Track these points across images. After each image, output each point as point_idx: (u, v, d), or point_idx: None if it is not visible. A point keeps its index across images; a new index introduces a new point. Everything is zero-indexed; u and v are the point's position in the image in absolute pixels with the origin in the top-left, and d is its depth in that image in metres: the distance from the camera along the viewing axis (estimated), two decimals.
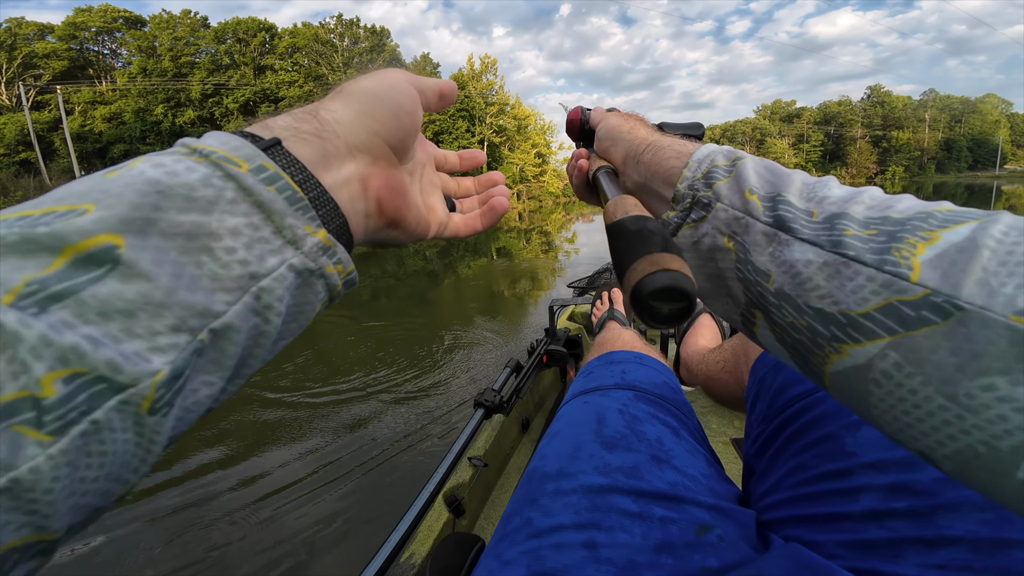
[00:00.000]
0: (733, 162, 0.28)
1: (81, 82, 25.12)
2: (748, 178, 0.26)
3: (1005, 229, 0.17)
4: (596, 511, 0.39)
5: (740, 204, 0.25)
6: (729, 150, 0.30)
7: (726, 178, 0.27)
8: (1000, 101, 57.14)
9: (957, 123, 54.73)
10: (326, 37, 27.72)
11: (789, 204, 0.23)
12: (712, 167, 0.28)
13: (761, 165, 0.27)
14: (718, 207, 0.26)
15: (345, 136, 0.23)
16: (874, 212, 0.21)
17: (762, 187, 0.25)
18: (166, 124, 25.21)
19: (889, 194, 0.23)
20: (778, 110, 59.60)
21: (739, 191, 0.26)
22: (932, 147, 53.45)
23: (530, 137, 34.56)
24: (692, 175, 0.28)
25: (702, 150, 0.30)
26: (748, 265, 0.24)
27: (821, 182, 0.25)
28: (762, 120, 58.63)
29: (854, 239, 0.20)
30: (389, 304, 5.69)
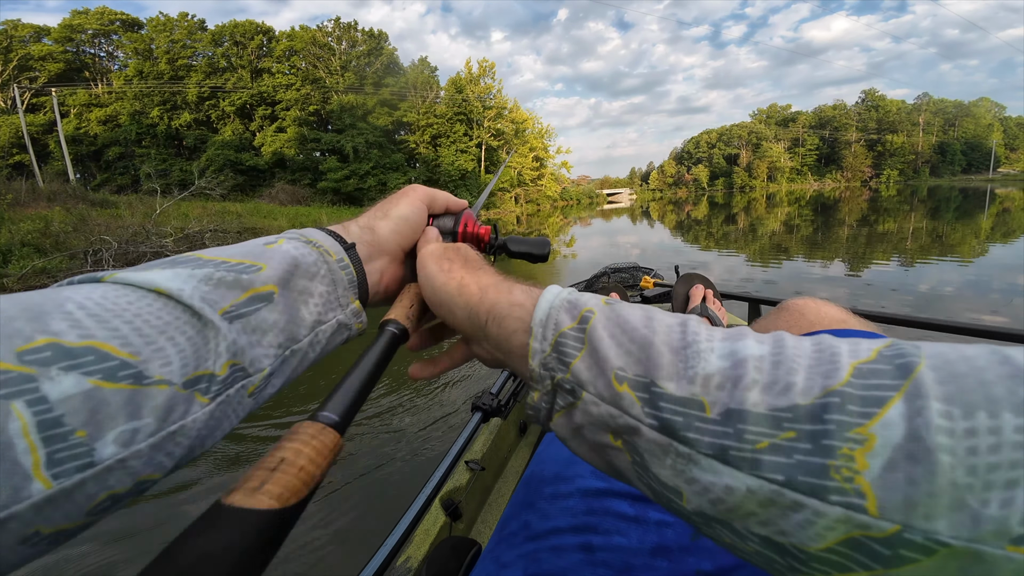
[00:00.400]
0: (581, 325, 0.24)
1: (77, 85, 24.96)
2: (607, 356, 0.22)
3: (944, 408, 0.15)
4: (593, 515, 0.40)
5: (610, 396, 0.22)
6: (570, 299, 0.26)
7: (580, 351, 0.23)
8: (993, 105, 57.91)
9: (951, 127, 55.33)
10: (324, 40, 27.70)
11: (670, 399, 0.20)
12: (560, 336, 0.24)
13: (614, 324, 0.23)
14: (586, 398, 0.23)
15: (381, 245, 0.35)
16: (776, 397, 0.18)
17: (628, 367, 0.21)
18: (162, 127, 25.09)
19: (756, 329, 0.21)
20: (774, 114, 60.07)
21: (603, 375, 0.22)
22: (926, 150, 53.96)
23: (528, 140, 34.64)
24: (541, 347, 0.25)
25: (540, 308, 0.26)
26: (650, 475, 0.21)
27: (691, 343, 0.21)
28: (758, 124, 59.06)
29: (773, 454, 0.17)
30: (383, 308, 5.68)
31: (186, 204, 13.01)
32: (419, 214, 0.38)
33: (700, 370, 0.20)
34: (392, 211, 0.37)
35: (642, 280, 1.62)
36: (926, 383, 0.16)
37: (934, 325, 0.74)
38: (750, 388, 0.18)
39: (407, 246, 0.37)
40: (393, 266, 0.37)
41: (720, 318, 0.97)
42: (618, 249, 9.88)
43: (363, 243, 0.34)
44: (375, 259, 0.35)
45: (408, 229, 0.37)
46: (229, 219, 10.71)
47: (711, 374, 0.19)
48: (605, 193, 63.64)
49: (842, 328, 0.44)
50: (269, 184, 23.93)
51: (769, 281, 5.36)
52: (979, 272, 5.20)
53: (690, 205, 29.23)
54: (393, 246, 0.36)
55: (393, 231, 0.36)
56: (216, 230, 9.50)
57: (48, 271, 6.83)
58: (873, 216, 13.47)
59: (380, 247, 0.35)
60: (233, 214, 12.80)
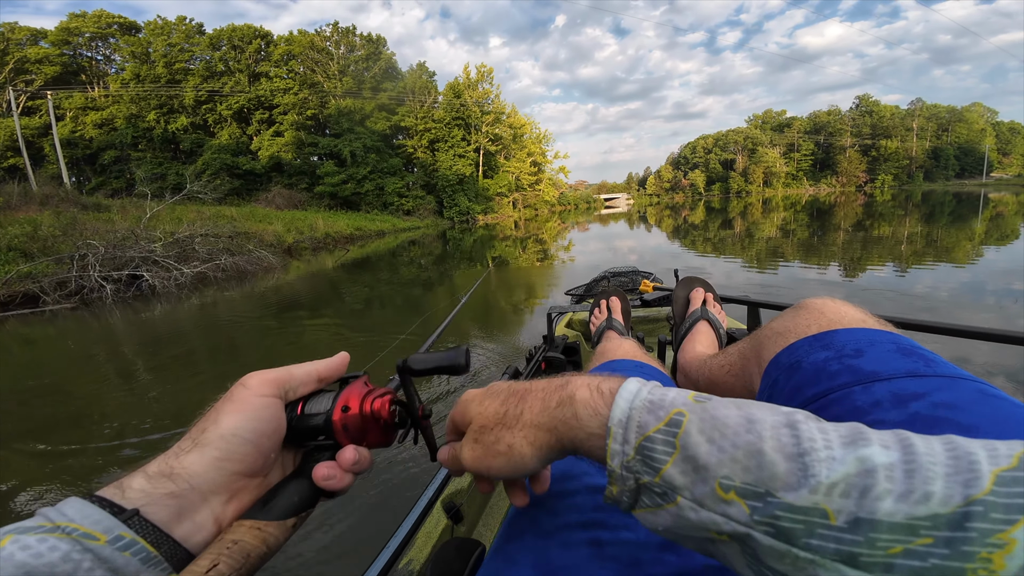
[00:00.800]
0: (670, 428, 0.23)
1: (73, 88, 24.89)
2: (708, 463, 0.22)
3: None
4: (601, 510, 0.40)
5: (713, 504, 0.21)
6: (652, 398, 0.25)
7: (671, 455, 0.23)
8: (986, 110, 58.45)
9: (944, 132, 55.84)
10: (322, 45, 27.76)
11: (788, 508, 0.19)
12: (645, 440, 0.24)
13: (711, 428, 0.23)
14: (683, 503, 0.22)
15: (200, 486, 0.27)
16: (913, 506, 0.17)
17: (735, 475, 0.21)
18: (158, 131, 25.01)
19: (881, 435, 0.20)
20: (769, 120, 60.58)
21: (704, 483, 0.21)
22: (920, 156, 54.44)
23: (526, 146, 34.75)
24: (622, 450, 0.24)
25: (619, 407, 0.25)
26: (765, 567, 0.20)
27: (808, 450, 0.20)
28: (753, 130, 59.53)
29: (907, 559, 0.17)
30: (383, 314, 5.63)
31: (181, 208, 12.94)
32: (258, 417, 0.30)
33: (823, 479, 0.19)
34: (210, 432, 0.29)
35: (641, 284, 1.62)
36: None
37: (950, 330, 0.72)
38: (882, 498, 0.18)
39: (255, 466, 0.30)
40: (233, 503, 0.29)
41: (720, 322, 0.96)
42: (616, 254, 9.90)
43: (159, 499, 0.26)
44: (196, 509, 0.27)
45: (247, 448, 0.29)
46: (222, 223, 10.62)
47: (835, 483, 0.19)
48: (603, 198, 63.89)
49: (861, 327, 0.44)
50: (266, 188, 23.86)
51: (766, 285, 5.41)
52: (975, 276, 5.16)
53: (687, 210, 29.28)
54: (224, 480, 0.28)
55: (216, 460, 0.28)
56: (207, 234, 9.38)
57: (33, 276, 6.73)
58: (868, 221, 13.52)
59: (200, 492, 0.27)
60: (227, 218, 12.75)
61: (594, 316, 1.17)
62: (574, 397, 0.28)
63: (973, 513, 0.16)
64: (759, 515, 0.20)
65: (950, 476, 0.18)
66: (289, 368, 0.34)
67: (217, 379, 3.35)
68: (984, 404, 0.31)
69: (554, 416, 0.29)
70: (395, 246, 14.84)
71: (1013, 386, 2.43)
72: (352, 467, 0.33)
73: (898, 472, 0.18)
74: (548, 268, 8.66)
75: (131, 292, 7.19)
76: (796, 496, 0.19)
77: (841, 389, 0.37)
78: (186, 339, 4.68)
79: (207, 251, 8.83)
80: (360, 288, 7.48)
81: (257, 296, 7.07)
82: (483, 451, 0.32)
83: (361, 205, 25.23)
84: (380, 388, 0.37)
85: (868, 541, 0.17)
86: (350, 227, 17.86)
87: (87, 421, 2.69)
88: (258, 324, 5.19)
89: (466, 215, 27.91)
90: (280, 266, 9.85)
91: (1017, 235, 8.64)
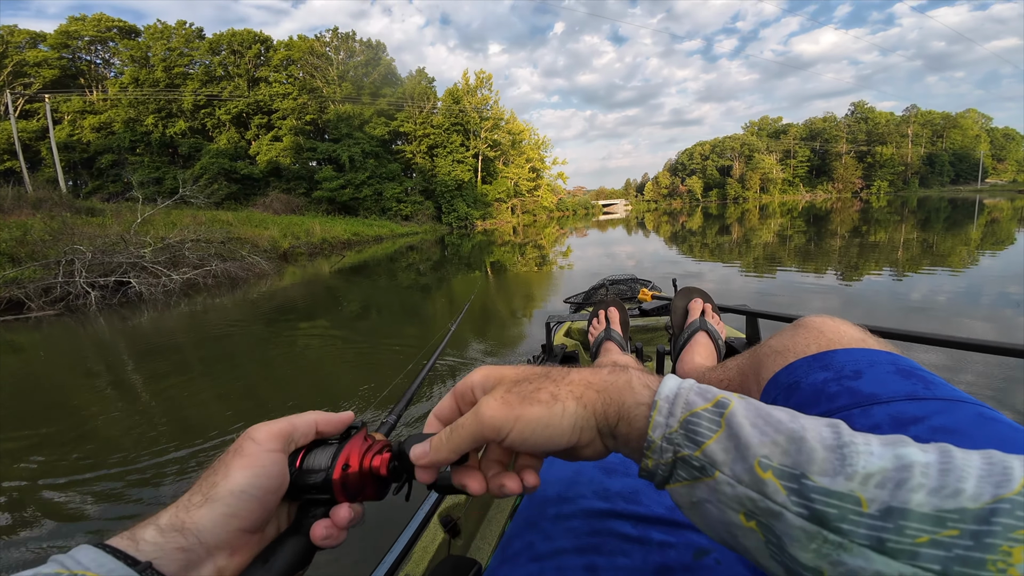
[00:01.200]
0: (717, 408, 0.25)
1: (72, 91, 24.87)
2: (750, 442, 0.23)
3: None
4: (596, 535, 0.40)
5: (751, 481, 0.22)
6: (699, 385, 0.27)
7: (715, 432, 0.24)
8: (980, 116, 58.91)
9: (939, 138, 56.27)
10: (321, 50, 27.87)
11: (823, 491, 0.20)
12: (692, 415, 0.25)
13: (756, 415, 0.24)
14: (720, 478, 0.23)
15: (208, 541, 0.28)
16: (944, 500, 0.19)
17: (774, 456, 0.22)
18: (156, 135, 24.98)
19: (922, 447, 0.21)
20: (765, 126, 61.03)
21: (743, 460, 0.23)
22: (915, 162, 54.85)
23: (524, 151, 34.86)
24: (666, 422, 0.25)
25: (668, 385, 0.27)
26: (786, 555, 0.21)
27: (847, 443, 0.22)
28: (750, 136, 59.93)
29: (933, 548, 0.18)
30: (380, 320, 5.55)
31: (177, 212, 12.88)
32: (266, 473, 0.30)
33: (860, 468, 0.20)
34: (220, 488, 0.29)
35: (640, 292, 1.60)
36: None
37: (950, 342, 0.71)
38: (915, 490, 0.19)
39: (259, 521, 0.31)
40: (235, 558, 0.30)
41: (719, 332, 0.96)
42: (614, 260, 9.86)
43: (170, 552, 0.27)
44: (202, 563, 0.28)
45: (253, 504, 0.29)
46: (215, 228, 10.51)
47: (871, 473, 0.20)
48: (601, 204, 64.02)
49: (861, 347, 0.44)
50: (263, 193, 23.82)
51: (764, 292, 5.37)
52: (972, 282, 5.14)
53: (684, 216, 29.35)
54: (228, 536, 0.29)
55: (225, 516, 0.28)
56: (199, 240, 9.22)
57: (19, 281, 6.59)
58: (865, 227, 13.56)
59: (207, 546, 0.28)
60: (223, 223, 12.67)
61: (592, 326, 1.16)
62: (629, 370, 0.29)
63: (1000, 510, 0.17)
64: (794, 496, 0.21)
65: (983, 478, 0.19)
66: (292, 419, 0.34)
67: (203, 398, 3.16)
68: (984, 428, 0.32)
69: (606, 380, 0.29)
70: (393, 251, 14.77)
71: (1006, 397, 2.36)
72: (347, 525, 0.33)
73: (933, 470, 0.19)
74: (546, 274, 8.60)
75: (117, 299, 7.01)
76: (831, 481, 0.20)
77: (840, 412, 0.37)
78: (167, 350, 4.44)
79: (198, 257, 8.64)
80: (356, 294, 7.41)
81: (249, 303, 6.91)
82: (518, 399, 0.28)
83: (359, 210, 25.19)
84: (380, 442, 0.36)
85: (897, 528, 0.18)
86: (347, 232, 17.71)
87: (52, 444, 2.50)
88: (249, 333, 5.06)
89: (464, 221, 27.90)
90: (273, 272, 9.66)
91: (1013, 240, 8.72)
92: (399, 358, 3.54)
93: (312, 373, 3.54)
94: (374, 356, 3.80)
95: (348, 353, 4.02)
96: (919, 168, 54.80)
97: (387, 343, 4.16)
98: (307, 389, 3.22)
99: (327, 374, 3.54)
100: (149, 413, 2.86)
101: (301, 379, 3.40)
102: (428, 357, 0.83)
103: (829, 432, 0.22)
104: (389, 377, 3.13)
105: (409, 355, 3.54)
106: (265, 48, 27.60)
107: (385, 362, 3.56)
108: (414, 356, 3.40)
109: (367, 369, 3.50)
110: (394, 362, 3.47)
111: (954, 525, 0.18)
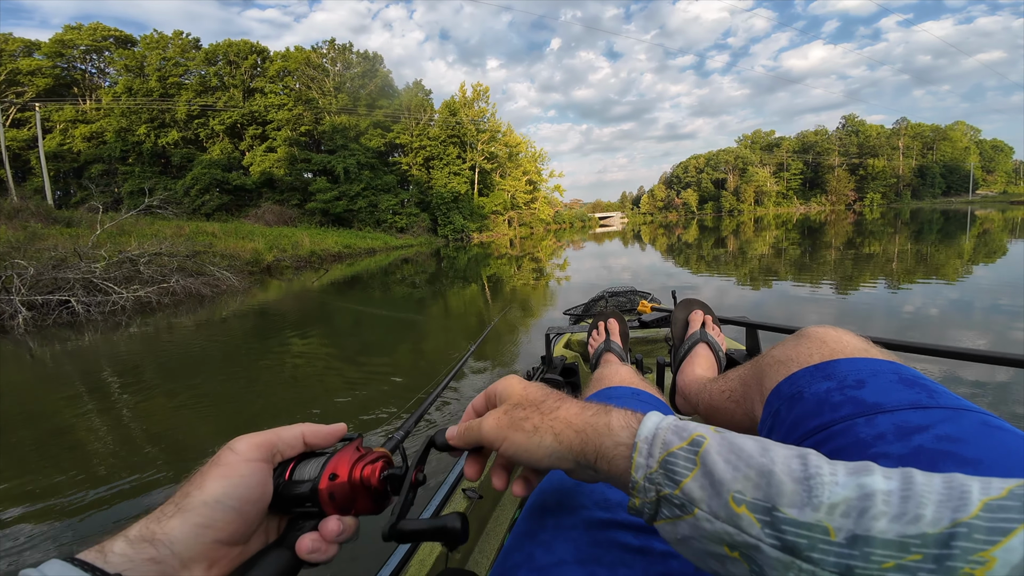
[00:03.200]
0: (692, 447, 0.26)
1: (65, 100, 24.73)
2: (723, 479, 0.24)
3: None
4: (597, 546, 0.40)
5: (727, 516, 0.23)
6: (677, 424, 0.28)
7: (691, 471, 0.25)
8: (969, 128, 59.84)
9: (929, 150, 57.08)
10: (318, 62, 27.95)
11: (793, 523, 0.21)
12: (669, 456, 0.26)
13: (728, 451, 0.25)
14: (699, 515, 0.24)
15: (181, 552, 0.27)
16: (905, 526, 0.19)
17: (746, 491, 0.23)
18: (148, 144, 24.75)
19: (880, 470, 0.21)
20: (758, 139, 61.85)
21: (718, 496, 0.24)
22: (907, 174, 55.55)
23: (521, 164, 34.97)
24: (646, 463, 0.26)
25: (646, 426, 0.28)
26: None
27: (814, 475, 0.22)
28: (743, 149, 60.69)
29: (899, 574, 0.18)
30: (373, 335, 5.29)
31: (162, 223, 12.59)
32: (244, 483, 0.30)
33: (825, 499, 0.21)
34: (193, 498, 0.29)
35: (640, 304, 1.61)
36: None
37: (955, 353, 0.72)
38: (878, 518, 0.20)
39: (237, 533, 0.29)
40: (225, 562, 0.29)
41: (720, 344, 0.95)
42: (610, 272, 9.77)
43: (141, 564, 0.26)
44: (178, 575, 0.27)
45: (230, 515, 0.29)
46: (181, 241, 9.73)
47: (836, 504, 0.21)
48: (597, 217, 64.30)
49: (863, 357, 0.44)
50: (256, 204, 23.60)
51: (759, 303, 5.36)
52: (966, 293, 5.12)
53: (680, 229, 29.36)
54: (203, 548, 0.28)
55: (198, 526, 0.28)
56: (161, 253, 8.44)
57: None
58: (859, 239, 13.57)
59: (180, 558, 0.27)
60: (208, 234, 12.35)
61: (592, 338, 1.15)
62: (610, 412, 0.31)
63: (958, 534, 0.18)
64: (767, 528, 0.22)
65: (941, 503, 0.19)
66: (277, 431, 0.34)
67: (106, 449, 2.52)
68: (988, 437, 0.32)
69: (588, 421, 0.31)
70: (387, 264, 14.45)
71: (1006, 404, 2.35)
72: (336, 538, 0.32)
73: (895, 498, 0.20)
74: (544, 286, 8.47)
75: (52, 319, 6.20)
76: (800, 512, 0.21)
77: (844, 421, 0.37)
78: (78, 380, 3.82)
79: (157, 272, 7.86)
80: (336, 314, 6.99)
81: (203, 325, 6.14)
82: (509, 422, 0.34)
83: (354, 222, 24.98)
84: (374, 452, 0.35)
85: (863, 555, 0.19)
86: (338, 245, 17.20)
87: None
88: (188, 356, 4.42)
89: (461, 233, 27.71)
90: (244, 288, 8.87)
91: (1005, 251, 8.81)
92: (387, 402, 3.20)
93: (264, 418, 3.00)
94: (358, 399, 3.38)
95: (317, 402, 3.53)
96: (911, 180, 55.51)
97: (373, 375, 3.74)
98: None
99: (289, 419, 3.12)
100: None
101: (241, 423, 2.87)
102: (442, 377, 0.78)
103: (798, 464, 0.23)
104: (371, 415, 2.81)
105: (396, 389, 3.23)
106: (262, 59, 27.66)
107: (373, 401, 3.17)
108: (401, 390, 3.10)
109: (350, 411, 3.10)
110: (382, 402, 3.11)
111: (916, 550, 0.18)
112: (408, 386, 3.25)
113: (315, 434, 0.35)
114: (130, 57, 25.56)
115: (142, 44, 26.07)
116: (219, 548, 0.29)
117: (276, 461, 0.33)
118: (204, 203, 22.78)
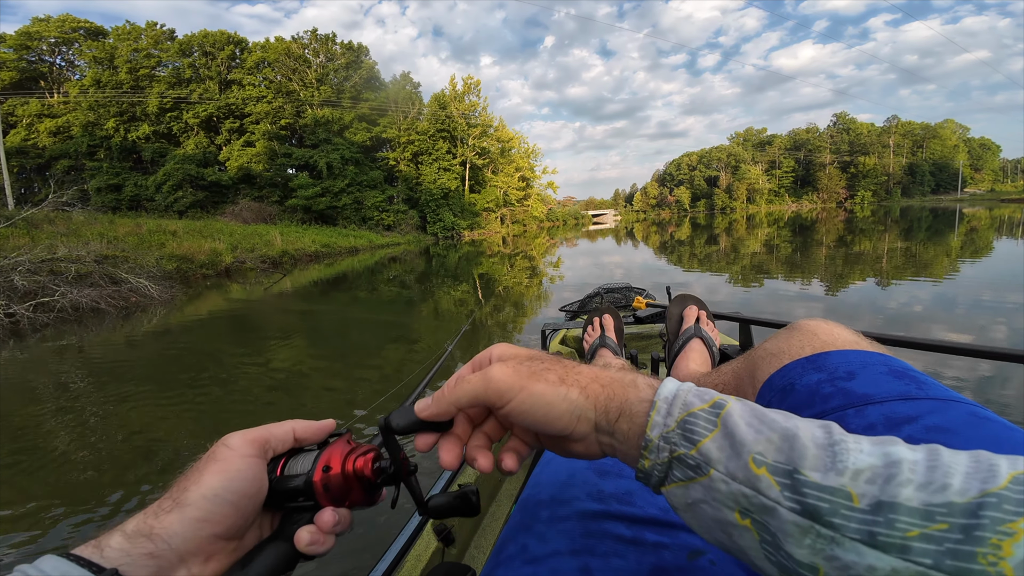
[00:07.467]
0: (714, 408, 0.25)
1: (30, 94, 23.53)
2: (744, 440, 0.23)
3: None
4: (590, 537, 0.41)
5: (745, 477, 0.23)
6: (697, 388, 0.27)
7: (710, 432, 0.24)
8: (958, 126, 60.31)
9: (919, 148, 57.42)
10: (299, 52, 26.82)
11: (816, 487, 0.21)
12: (689, 415, 0.25)
13: (751, 415, 0.25)
14: (715, 476, 0.23)
15: (179, 547, 0.27)
16: (931, 494, 0.19)
17: (768, 453, 0.22)
18: (117, 139, 23.47)
19: (911, 447, 0.21)
20: (750, 137, 61.80)
21: (738, 458, 0.23)
22: (897, 172, 55.82)
23: (514, 160, 34.25)
24: (664, 422, 0.26)
25: (667, 387, 0.27)
26: (781, 553, 0.21)
27: (838, 441, 0.22)
28: (736, 147, 60.58)
29: (923, 543, 0.18)
30: (361, 338, 5.00)
31: (122, 220, 11.79)
32: (241, 477, 0.30)
33: (850, 464, 0.21)
34: (191, 492, 0.29)
35: (635, 300, 1.62)
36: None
37: (943, 347, 0.74)
38: (904, 485, 0.19)
39: (234, 527, 0.30)
40: (211, 564, 0.29)
41: (713, 340, 0.95)
42: (604, 269, 9.65)
43: (138, 558, 0.26)
44: (174, 570, 0.27)
45: (227, 509, 0.29)
46: (161, 238, 8.98)
47: (861, 470, 0.20)
48: (590, 214, 63.85)
49: (854, 349, 0.44)
50: (233, 201, 22.63)
51: (751, 300, 5.41)
52: (953, 290, 5.17)
53: (673, 226, 29.00)
54: (201, 542, 0.28)
55: (197, 521, 0.28)
56: (55, 258, 7.01)
57: None
58: (850, 236, 13.45)
59: (178, 552, 0.27)
60: (168, 233, 11.35)
61: (587, 334, 1.16)
62: (636, 371, 0.31)
63: (987, 503, 0.18)
64: (787, 491, 0.21)
65: (970, 474, 0.19)
66: (268, 427, 0.34)
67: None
68: (977, 427, 0.32)
69: (613, 377, 0.30)
70: (373, 263, 13.69)
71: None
72: (332, 529, 0.32)
73: (921, 467, 0.20)
74: (538, 284, 8.25)
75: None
76: (823, 476, 0.21)
77: (834, 412, 0.37)
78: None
79: (41, 284, 6.43)
80: (333, 307, 6.32)
81: (102, 346, 4.95)
82: (528, 371, 0.30)
83: (338, 220, 24.09)
84: (364, 445, 0.35)
85: (888, 522, 0.19)
86: (316, 244, 15.84)
87: None
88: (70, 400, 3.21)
89: (451, 231, 26.90)
90: (165, 300, 7.55)
91: (991, 249, 8.96)
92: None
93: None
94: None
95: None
96: (901, 178, 55.81)
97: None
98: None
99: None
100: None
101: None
102: (420, 377, 0.75)
103: (821, 432, 0.23)
104: None
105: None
106: (240, 50, 26.49)
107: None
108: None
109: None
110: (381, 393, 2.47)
111: (943, 519, 0.18)
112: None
113: (306, 430, 0.35)
114: (100, 48, 24.26)
115: (113, 36, 24.83)
116: (216, 542, 0.29)
117: (268, 457, 0.33)
118: (177, 200, 21.71)
